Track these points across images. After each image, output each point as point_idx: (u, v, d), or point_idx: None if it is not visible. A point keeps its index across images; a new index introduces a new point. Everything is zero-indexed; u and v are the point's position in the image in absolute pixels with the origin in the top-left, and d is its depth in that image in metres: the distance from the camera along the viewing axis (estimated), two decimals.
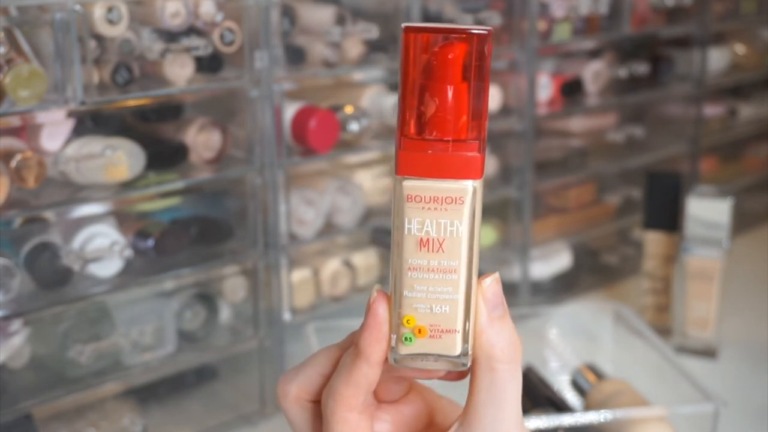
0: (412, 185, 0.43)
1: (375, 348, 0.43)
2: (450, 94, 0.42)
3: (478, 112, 0.43)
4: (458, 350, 0.44)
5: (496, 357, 0.43)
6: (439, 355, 0.44)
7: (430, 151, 0.43)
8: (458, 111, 0.43)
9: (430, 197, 0.43)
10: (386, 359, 0.44)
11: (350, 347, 0.45)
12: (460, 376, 0.46)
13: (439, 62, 0.42)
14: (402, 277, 0.43)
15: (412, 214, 0.43)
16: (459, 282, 0.43)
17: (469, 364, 0.44)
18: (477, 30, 0.42)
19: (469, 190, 0.43)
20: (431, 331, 0.44)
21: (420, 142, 0.43)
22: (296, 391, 0.46)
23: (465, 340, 0.44)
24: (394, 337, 0.44)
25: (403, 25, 0.43)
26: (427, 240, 0.43)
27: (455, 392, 0.50)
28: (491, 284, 0.44)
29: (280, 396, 0.47)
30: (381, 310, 0.44)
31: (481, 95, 0.43)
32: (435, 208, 0.43)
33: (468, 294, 0.44)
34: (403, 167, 0.43)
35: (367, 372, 0.44)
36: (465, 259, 0.43)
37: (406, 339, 0.44)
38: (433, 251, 0.43)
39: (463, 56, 0.42)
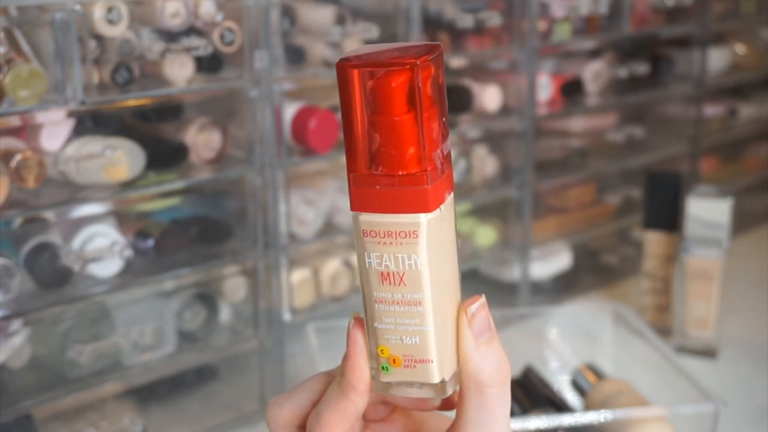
0: (366, 220, 0.42)
1: (359, 376, 0.43)
2: (393, 127, 0.40)
3: (424, 143, 0.40)
4: (436, 379, 0.43)
5: (483, 381, 0.43)
6: (422, 383, 0.43)
7: (378, 186, 0.41)
8: (403, 144, 0.41)
9: (384, 232, 0.42)
10: (371, 386, 0.44)
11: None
12: (450, 406, 0.46)
13: (379, 95, 0.40)
14: (372, 309, 0.43)
15: (371, 249, 0.42)
16: (425, 314, 0.42)
17: (450, 392, 0.44)
18: (416, 56, 0.40)
19: (421, 222, 0.41)
20: (405, 361, 0.43)
21: (369, 177, 0.41)
22: (286, 416, 0.46)
23: (442, 368, 0.43)
24: (373, 365, 0.44)
25: (338, 60, 0.41)
26: (388, 273, 0.42)
27: None
28: (477, 311, 0.44)
29: (269, 420, 0.46)
30: (359, 338, 0.44)
31: (431, 122, 0.40)
32: (390, 243, 0.42)
33: (440, 323, 0.43)
34: (356, 203, 0.42)
35: (355, 400, 0.43)
36: (429, 291, 0.42)
37: (383, 368, 0.43)
38: (394, 284, 0.42)
39: (404, 86, 0.40)
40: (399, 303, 0.42)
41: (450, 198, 0.44)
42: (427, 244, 0.41)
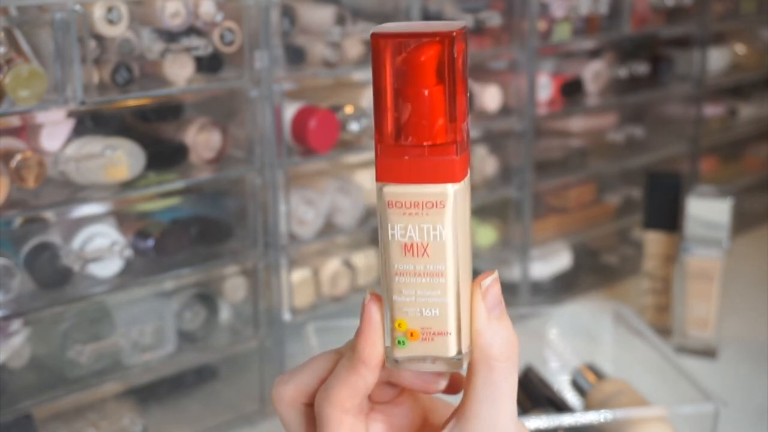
0: (392, 191, 0.42)
1: (372, 351, 0.43)
2: (424, 98, 0.42)
3: (454, 114, 0.42)
4: (453, 352, 0.44)
5: (493, 355, 0.43)
6: (436, 357, 0.44)
7: (407, 157, 0.42)
8: (433, 115, 0.42)
9: (411, 203, 0.42)
10: (383, 362, 0.44)
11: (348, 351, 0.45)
12: (455, 389, 0.46)
13: (411, 66, 0.41)
14: (390, 282, 0.43)
15: (395, 220, 0.43)
16: (447, 285, 0.43)
17: (466, 365, 0.44)
18: (448, 29, 0.41)
19: (449, 193, 0.42)
20: (423, 334, 0.43)
21: (397, 147, 0.42)
22: (292, 393, 0.46)
23: (459, 341, 0.44)
24: (388, 339, 0.44)
25: (372, 31, 0.42)
26: (411, 245, 0.43)
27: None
28: (491, 285, 0.44)
29: (274, 398, 0.46)
30: (374, 313, 0.44)
31: (457, 96, 0.42)
32: (416, 213, 0.42)
33: (458, 295, 0.43)
34: (382, 174, 0.43)
35: (366, 375, 0.44)
36: (451, 262, 0.43)
37: (399, 342, 0.44)
38: (418, 256, 0.43)
39: (435, 58, 0.41)
40: (421, 275, 0.43)
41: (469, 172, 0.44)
42: (452, 215, 0.42)
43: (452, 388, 0.46)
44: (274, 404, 0.47)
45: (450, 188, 0.42)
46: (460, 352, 0.44)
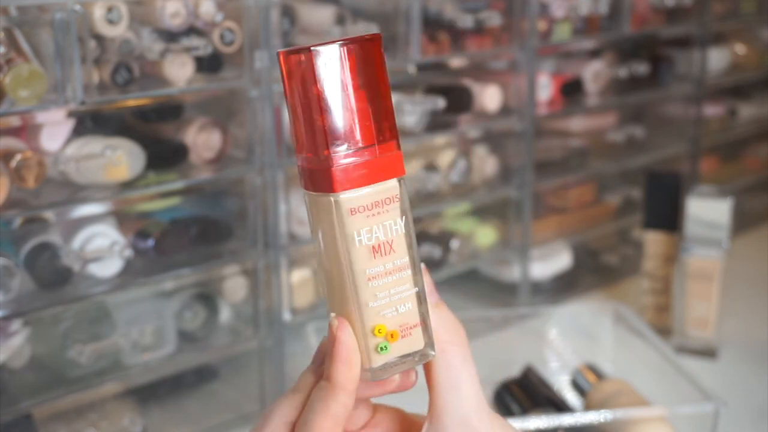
0: (350, 198, 0.44)
1: (349, 375, 0.44)
2: (353, 102, 0.44)
3: (387, 113, 0.45)
4: (423, 341, 0.45)
5: (442, 339, 0.45)
6: (408, 354, 0.45)
7: (354, 162, 0.44)
8: (366, 117, 0.44)
9: (372, 203, 0.44)
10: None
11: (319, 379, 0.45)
12: (406, 385, 0.47)
13: (361, 67, 0.44)
14: (361, 291, 0.44)
15: (359, 225, 0.44)
16: (411, 275, 0.45)
17: (432, 354, 0.46)
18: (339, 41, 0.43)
19: (399, 185, 0.45)
20: (402, 332, 0.45)
21: (347, 155, 0.44)
22: (287, 413, 0.46)
23: (426, 329, 0.46)
24: (365, 353, 0.44)
25: (278, 51, 0.44)
26: (379, 246, 0.44)
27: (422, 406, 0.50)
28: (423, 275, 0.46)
29: (268, 413, 0.46)
30: (347, 337, 0.44)
31: (381, 97, 0.44)
32: (377, 213, 0.44)
33: (419, 283, 0.46)
34: (339, 183, 0.44)
35: (345, 401, 0.44)
36: (408, 251, 0.45)
37: (381, 349, 0.44)
38: (385, 254, 0.44)
39: (352, 65, 0.43)
40: (391, 272, 0.45)
41: None
42: (402, 204, 0.45)
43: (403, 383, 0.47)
44: (266, 417, 0.46)
45: (400, 180, 0.45)
46: (429, 340, 0.46)
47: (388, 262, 0.44)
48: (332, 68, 0.43)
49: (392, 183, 0.44)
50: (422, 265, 0.46)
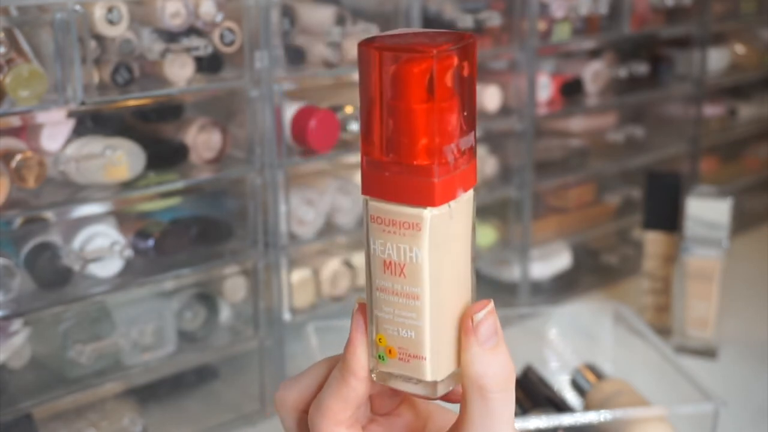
0: (374, 206, 0.41)
1: (357, 362, 0.43)
2: (406, 114, 0.39)
3: (442, 134, 0.39)
4: (429, 377, 0.42)
5: (487, 387, 0.42)
6: (409, 378, 0.42)
7: (387, 173, 0.40)
8: (415, 133, 0.39)
9: (389, 220, 0.41)
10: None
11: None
12: (453, 399, 0.45)
13: (397, 81, 0.39)
14: (372, 296, 0.42)
15: (377, 235, 0.41)
16: (423, 309, 0.41)
17: (442, 394, 0.43)
18: (442, 45, 0.39)
19: (424, 217, 0.40)
20: (400, 354, 0.42)
21: (380, 162, 0.40)
22: (293, 400, 0.46)
23: (436, 368, 0.42)
24: (371, 353, 0.43)
25: (359, 40, 0.40)
26: (390, 262, 0.41)
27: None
28: (484, 318, 0.42)
29: (277, 403, 0.46)
30: (360, 323, 0.43)
31: (448, 114, 0.39)
32: (394, 232, 0.41)
33: (436, 322, 0.41)
34: (366, 187, 0.41)
35: (356, 386, 0.43)
36: (428, 287, 0.41)
37: (380, 357, 0.43)
38: (395, 275, 0.41)
39: (423, 74, 0.38)
40: (398, 294, 0.41)
41: (465, 196, 0.42)
42: (429, 240, 0.40)
43: (450, 397, 0.45)
44: (277, 409, 0.46)
45: (427, 212, 0.40)
46: (435, 380, 0.42)
47: (397, 283, 0.41)
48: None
49: (416, 211, 0.40)
50: (487, 308, 0.42)
